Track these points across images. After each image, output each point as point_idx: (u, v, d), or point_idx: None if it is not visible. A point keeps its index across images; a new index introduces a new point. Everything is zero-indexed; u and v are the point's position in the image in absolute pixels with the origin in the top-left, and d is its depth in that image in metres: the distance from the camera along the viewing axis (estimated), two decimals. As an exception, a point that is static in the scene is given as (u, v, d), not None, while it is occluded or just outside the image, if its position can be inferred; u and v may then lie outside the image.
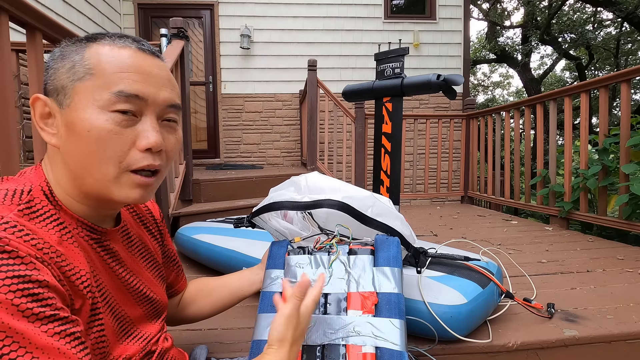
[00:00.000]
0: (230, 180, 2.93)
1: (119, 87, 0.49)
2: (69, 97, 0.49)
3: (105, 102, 0.48)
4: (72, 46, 0.51)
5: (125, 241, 0.61)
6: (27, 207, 0.46)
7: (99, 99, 0.48)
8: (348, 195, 0.79)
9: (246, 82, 4.67)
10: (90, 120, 0.48)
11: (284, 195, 0.83)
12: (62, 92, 0.49)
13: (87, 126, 0.48)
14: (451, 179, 3.82)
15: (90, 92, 0.48)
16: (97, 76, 0.48)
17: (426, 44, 4.84)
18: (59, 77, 0.49)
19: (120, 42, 0.51)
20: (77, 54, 0.50)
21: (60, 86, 0.49)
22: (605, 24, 10.18)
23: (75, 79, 0.49)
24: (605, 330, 1.02)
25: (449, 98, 1.58)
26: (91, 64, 0.49)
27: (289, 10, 4.66)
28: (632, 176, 2.10)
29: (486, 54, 12.43)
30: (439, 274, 1.03)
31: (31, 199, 0.47)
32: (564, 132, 2.52)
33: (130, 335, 0.58)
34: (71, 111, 0.48)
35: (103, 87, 0.48)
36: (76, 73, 0.49)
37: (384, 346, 0.66)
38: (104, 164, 0.49)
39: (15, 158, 1.05)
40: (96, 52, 0.50)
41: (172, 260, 0.77)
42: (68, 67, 0.49)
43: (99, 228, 0.54)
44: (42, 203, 0.48)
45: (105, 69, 0.49)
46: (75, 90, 0.48)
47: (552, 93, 2.64)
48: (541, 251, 1.89)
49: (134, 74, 0.50)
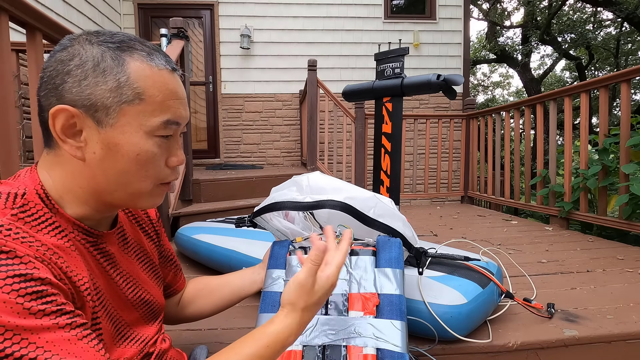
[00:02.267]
0: (230, 180, 2.93)
1: (167, 116, 0.51)
2: (112, 118, 0.48)
3: (153, 128, 0.50)
4: (108, 59, 0.48)
5: (121, 243, 0.60)
6: (21, 212, 0.45)
7: (147, 124, 0.49)
8: (350, 196, 0.78)
9: (246, 82, 4.67)
10: (140, 145, 0.49)
11: (285, 195, 0.83)
12: (104, 111, 0.48)
13: (136, 150, 0.49)
14: (451, 179, 3.82)
15: (138, 116, 0.49)
16: (147, 102, 0.49)
17: (426, 44, 4.84)
18: (99, 94, 0.47)
19: (157, 62, 0.51)
20: (119, 72, 0.48)
21: (100, 104, 0.47)
22: (605, 24, 10.18)
23: (123, 101, 0.48)
24: (605, 330, 1.02)
25: (449, 98, 1.58)
26: (140, 88, 0.48)
27: (289, 10, 4.66)
28: (632, 176, 2.10)
29: (486, 54, 12.44)
30: (439, 274, 1.03)
31: (25, 202, 0.46)
32: (564, 132, 2.52)
33: (128, 339, 0.58)
34: (116, 133, 0.48)
35: (152, 114, 0.49)
36: (124, 95, 0.48)
37: (385, 347, 0.66)
38: (142, 182, 0.52)
39: (15, 158, 1.05)
40: (139, 72, 0.49)
41: (170, 260, 0.77)
42: (113, 86, 0.47)
43: (95, 231, 0.54)
44: (37, 207, 0.47)
45: (153, 95, 0.49)
46: (123, 112, 0.48)
47: (552, 93, 2.64)
48: (541, 251, 1.89)
49: (176, 101, 0.52)
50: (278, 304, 0.74)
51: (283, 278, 0.78)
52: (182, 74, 0.56)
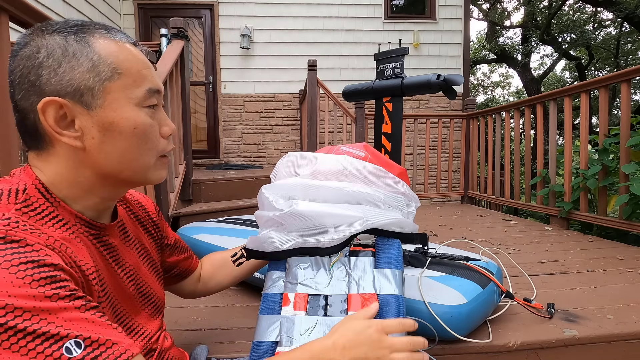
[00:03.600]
0: (230, 180, 2.93)
1: (147, 84, 0.52)
2: (99, 98, 0.48)
3: (140, 99, 0.51)
4: (73, 42, 0.47)
5: (122, 236, 0.61)
6: (25, 206, 0.45)
7: (133, 96, 0.50)
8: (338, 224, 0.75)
9: (246, 82, 4.67)
10: (134, 118, 0.50)
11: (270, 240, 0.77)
12: (89, 93, 0.48)
13: (132, 124, 0.50)
14: (451, 179, 3.82)
15: (122, 90, 0.50)
16: (126, 75, 0.50)
17: (426, 44, 4.84)
18: (79, 77, 0.47)
19: (119, 37, 0.52)
20: (89, 52, 0.48)
21: (83, 86, 0.47)
22: (605, 24, 10.18)
23: (103, 79, 0.48)
24: (605, 330, 1.02)
25: (449, 98, 1.58)
26: (114, 63, 0.49)
27: (289, 10, 4.65)
28: (632, 176, 2.10)
29: (486, 54, 12.43)
30: (439, 274, 1.03)
31: (27, 197, 0.47)
32: (564, 132, 2.52)
33: (131, 332, 0.58)
34: (108, 112, 0.49)
35: (134, 85, 0.51)
36: (101, 73, 0.48)
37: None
38: (145, 155, 0.53)
39: (15, 158, 1.05)
40: (108, 48, 0.49)
41: (178, 247, 0.79)
42: (89, 67, 0.47)
43: (97, 224, 0.54)
44: (39, 201, 0.48)
45: (129, 67, 0.50)
46: (107, 90, 0.49)
47: (552, 93, 2.64)
48: (541, 251, 1.89)
49: (149, 70, 0.53)
50: (278, 305, 0.74)
51: (283, 279, 0.78)
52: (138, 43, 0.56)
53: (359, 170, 0.84)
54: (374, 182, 0.85)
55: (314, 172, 0.83)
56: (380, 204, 0.81)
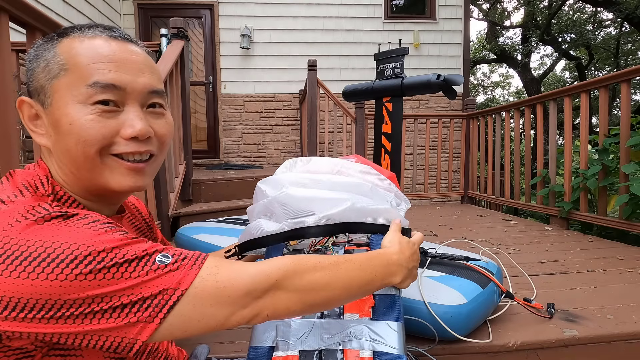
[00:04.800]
0: (230, 180, 2.93)
1: (94, 78, 0.49)
2: (49, 97, 0.49)
3: (84, 95, 0.48)
4: (45, 44, 0.51)
5: None
6: (54, 198, 0.49)
7: (77, 93, 0.48)
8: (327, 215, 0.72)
9: (246, 82, 4.67)
10: (72, 115, 0.48)
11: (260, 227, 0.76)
12: (42, 92, 0.50)
13: (69, 120, 0.48)
14: (451, 179, 3.82)
15: (67, 88, 0.49)
16: (71, 71, 0.49)
17: (426, 44, 4.84)
18: (37, 78, 0.50)
19: (90, 33, 0.51)
20: (49, 51, 0.50)
21: (39, 86, 0.50)
22: (605, 24, 10.18)
23: (51, 77, 0.49)
24: (605, 330, 1.02)
25: (449, 98, 1.58)
26: (64, 60, 0.49)
27: (289, 10, 4.65)
28: (632, 176, 2.10)
29: (486, 54, 12.43)
30: (439, 274, 1.03)
31: (52, 188, 0.50)
32: (564, 132, 2.52)
33: None
34: (54, 110, 0.49)
35: (79, 81, 0.49)
36: (51, 71, 0.49)
37: (382, 350, 0.66)
38: (87, 151, 0.49)
39: (15, 158, 1.05)
40: (68, 46, 0.50)
41: None
42: (43, 66, 0.49)
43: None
44: (61, 192, 0.51)
45: (78, 62, 0.49)
46: (54, 89, 0.49)
47: (552, 93, 2.64)
48: (541, 251, 1.89)
49: (107, 63, 0.50)
50: None
51: None
52: (134, 41, 0.54)
53: (348, 169, 0.84)
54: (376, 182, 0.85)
55: (307, 170, 0.85)
56: (369, 193, 0.79)
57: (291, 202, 0.75)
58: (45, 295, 0.39)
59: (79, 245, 0.41)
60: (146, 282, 0.42)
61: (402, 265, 0.64)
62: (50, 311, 0.39)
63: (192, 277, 0.45)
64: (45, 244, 0.40)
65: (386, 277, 0.62)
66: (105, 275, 0.41)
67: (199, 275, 0.45)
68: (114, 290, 0.41)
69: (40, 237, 0.41)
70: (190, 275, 0.45)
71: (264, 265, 0.49)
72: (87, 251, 0.41)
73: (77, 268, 0.39)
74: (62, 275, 0.39)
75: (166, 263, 0.44)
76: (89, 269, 0.40)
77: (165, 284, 0.43)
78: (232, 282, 0.46)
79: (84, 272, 0.40)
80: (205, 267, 0.46)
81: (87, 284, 0.40)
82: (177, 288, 0.43)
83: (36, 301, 0.39)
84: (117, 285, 0.41)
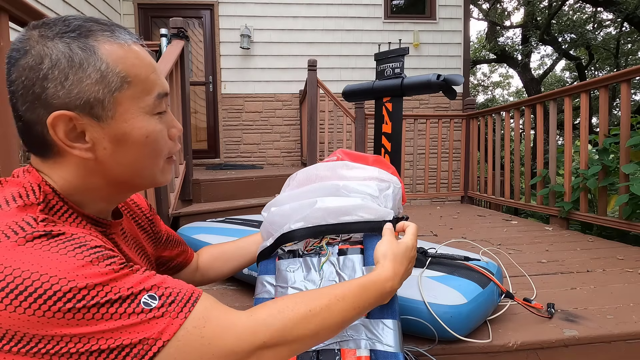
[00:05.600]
0: (230, 180, 2.93)
1: (156, 90, 0.51)
2: (110, 109, 0.47)
3: (150, 107, 0.51)
4: (78, 50, 0.45)
5: (122, 236, 0.61)
6: (46, 207, 0.46)
7: (144, 105, 0.50)
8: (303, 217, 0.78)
9: (246, 82, 4.67)
10: (146, 127, 0.50)
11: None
12: (99, 106, 0.47)
13: (144, 133, 0.50)
14: (451, 179, 3.82)
15: (133, 100, 0.49)
16: (135, 84, 0.49)
17: (426, 44, 4.84)
18: (88, 90, 0.46)
19: (124, 38, 0.49)
20: (97, 61, 0.46)
21: (93, 99, 0.46)
22: (605, 24, 10.18)
23: (113, 90, 0.47)
24: (605, 330, 1.02)
25: (449, 98, 1.58)
26: (123, 72, 0.47)
27: (289, 10, 4.66)
28: (632, 176, 2.10)
29: (486, 54, 12.43)
30: (439, 274, 1.03)
31: (44, 196, 0.47)
32: (564, 132, 2.52)
33: None
34: (119, 123, 0.48)
35: (144, 93, 0.50)
36: (111, 83, 0.47)
37: (379, 349, 0.66)
38: (156, 161, 0.54)
39: (14, 158, 1.05)
40: (114, 55, 0.47)
41: (172, 241, 0.79)
42: (97, 78, 0.46)
43: (103, 220, 0.55)
44: (53, 201, 0.48)
45: (138, 74, 0.49)
46: (118, 101, 0.48)
47: (552, 93, 2.64)
48: (541, 251, 1.89)
49: (156, 73, 0.52)
50: None
51: (273, 284, 0.78)
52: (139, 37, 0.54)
53: (326, 172, 0.88)
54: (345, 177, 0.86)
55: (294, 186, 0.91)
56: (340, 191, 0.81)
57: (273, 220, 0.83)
58: (23, 328, 0.37)
59: (60, 279, 0.38)
60: (127, 327, 0.40)
61: (394, 289, 0.64)
62: (27, 345, 0.37)
63: (176, 327, 0.42)
64: (24, 274, 0.37)
65: (377, 304, 0.63)
66: (84, 315, 0.38)
67: (184, 327, 0.43)
68: (92, 332, 0.38)
69: (20, 265, 0.38)
70: (175, 325, 0.42)
71: (253, 320, 0.48)
72: (68, 287, 0.38)
73: (55, 305, 0.37)
74: (39, 311, 0.37)
75: (151, 307, 0.42)
76: (67, 307, 0.38)
77: (147, 332, 0.40)
78: (217, 341, 0.44)
79: (63, 310, 0.37)
80: (193, 317, 0.44)
81: (65, 322, 0.38)
82: (158, 338, 0.41)
83: (15, 333, 0.37)
84: (96, 327, 0.39)
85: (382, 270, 0.64)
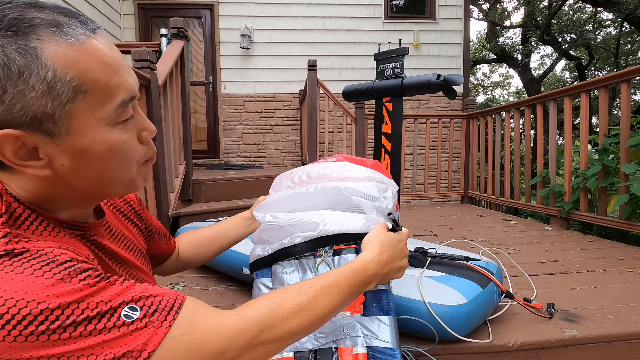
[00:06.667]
0: (230, 180, 2.93)
1: (119, 96, 0.44)
2: (63, 124, 0.41)
3: (112, 117, 0.44)
4: (15, 55, 0.37)
5: (108, 235, 0.58)
6: (10, 217, 0.41)
7: (104, 116, 0.43)
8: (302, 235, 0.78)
9: (246, 82, 4.67)
10: (109, 141, 0.44)
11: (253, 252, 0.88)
12: (49, 120, 0.40)
13: (106, 147, 0.44)
14: (451, 179, 3.82)
15: (90, 111, 0.42)
16: (91, 92, 0.41)
17: (426, 44, 4.84)
18: (33, 104, 0.38)
19: (74, 33, 0.40)
20: (40, 69, 0.38)
21: (41, 114, 0.39)
22: (605, 24, 10.18)
23: (65, 102, 0.40)
24: (605, 330, 1.02)
25: (449, 98, 1.58)
26: (75, 78, 0.40)
27: (289, 10, 4.66)
28: (632, 176, 2.10)
29: (486, 54, 12.43)
30: (439, 274, 1.03)
31: (7, 205, 0.42)
32: (564, 132, 2.52)
33: None
34: (75, 138, 0.42)
35: (103, 102, 0.43)
36: (61, 95, 0.39)
37: (375, 345, 0.66)
38: (125, 171, 0.48)
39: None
40: (63, 59, 0.39)
41: (159, 234, 0.78)
42: (44, 90, 0.38)
43: (80, 224, 0.50)
44: (18, 210, 0.43)
45: (95, 80, 0.41)
46: (72, 114, 0.41)
47: (552, 93, 2.64)
48: (541, 251, 1.89)
49: (119, 73, 0.44)
50: None
51: (269, 286, 0.79)
52: (98, 27, 0.45)
53: (325, 170, 0.88)
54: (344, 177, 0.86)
55: (290, 184, 0.91)
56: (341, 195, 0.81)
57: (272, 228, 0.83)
58: None
59: (28, 302, 0.35)
60: (108, 342, 0.37)
61: (377, 273, 0.63)
62: None
63: (161, 336, 0.40)
64: None
65: (362, 290, 0.62)
66: (60, 335, 0.35)
67: (170, 335, 0.40)
68: (72, 350, 0.36)
69: None
70: (159, 335, 0.40)
71: (241, 319, 0.47)
72: (38, 309, 0.35)
73: (27, 329, 0.34)
74: (9, 337, 0.34)
75: (133, 319, 0.39)
76: (40, 330, 0.35)
77: (130, 345, 0.38)
78: (207, 344, 0.43)
79: (36, 333, 0.34)
80: (178, 324, 0.42)
81: (40, 344, 0.35)
82: (143, 350, 0.39)
83: None
84: (75, 345, 0.36)
85: (364, 254, 0.64)
